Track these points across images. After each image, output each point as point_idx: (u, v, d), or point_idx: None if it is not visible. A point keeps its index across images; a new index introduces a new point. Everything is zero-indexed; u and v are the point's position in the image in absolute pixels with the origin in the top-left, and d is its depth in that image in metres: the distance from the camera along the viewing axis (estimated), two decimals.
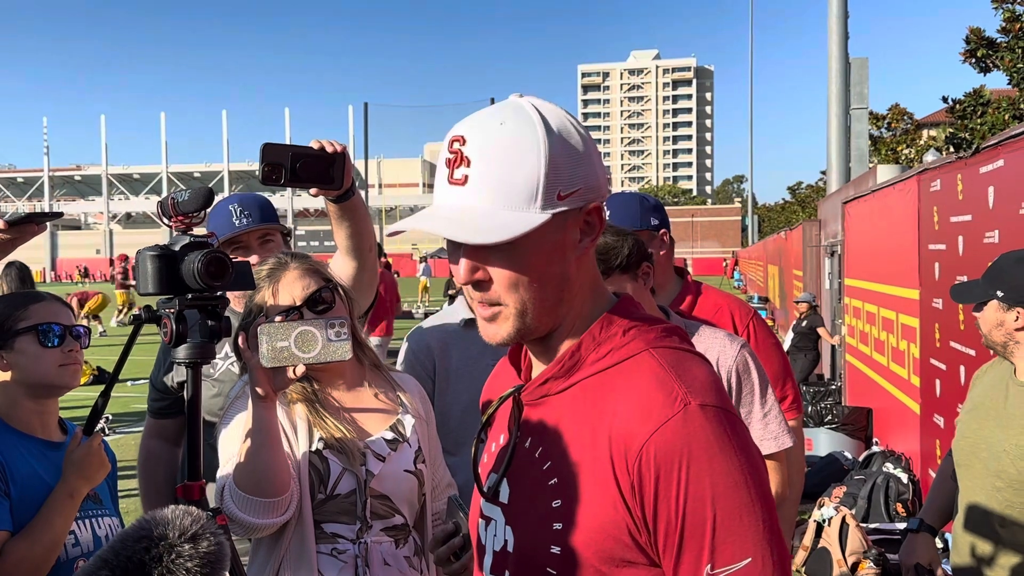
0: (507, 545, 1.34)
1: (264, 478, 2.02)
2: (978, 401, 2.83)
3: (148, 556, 1.24)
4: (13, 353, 2.27)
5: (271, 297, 2.23)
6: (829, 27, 16.05)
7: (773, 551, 1.19)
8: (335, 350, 1.90)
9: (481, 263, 1.26)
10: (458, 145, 1.25)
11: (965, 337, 5.50)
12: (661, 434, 1.19)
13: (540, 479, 1.31)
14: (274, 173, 1.83)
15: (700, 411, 1.21)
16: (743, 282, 45.22)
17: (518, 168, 1.23)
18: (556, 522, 1.27)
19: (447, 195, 1.26)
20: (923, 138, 22.10)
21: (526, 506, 1.33)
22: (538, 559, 1.28)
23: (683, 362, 1.30)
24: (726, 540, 1.17)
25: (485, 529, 1.41)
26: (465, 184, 1.24)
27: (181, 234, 1.77)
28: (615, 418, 1.24)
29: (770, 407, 2.47)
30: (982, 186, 5.17)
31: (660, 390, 1.23)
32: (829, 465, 8.05)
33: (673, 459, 1.18)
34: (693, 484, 1.18)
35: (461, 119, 1.31)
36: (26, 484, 2.20)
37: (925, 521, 3.06)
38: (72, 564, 2.23)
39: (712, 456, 1.18)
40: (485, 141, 1.24)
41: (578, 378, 1.32)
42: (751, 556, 1.17)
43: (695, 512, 1.18)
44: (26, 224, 1.90)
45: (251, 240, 2.83)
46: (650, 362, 1.28)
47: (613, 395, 1.27)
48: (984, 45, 8.40)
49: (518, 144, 1.23)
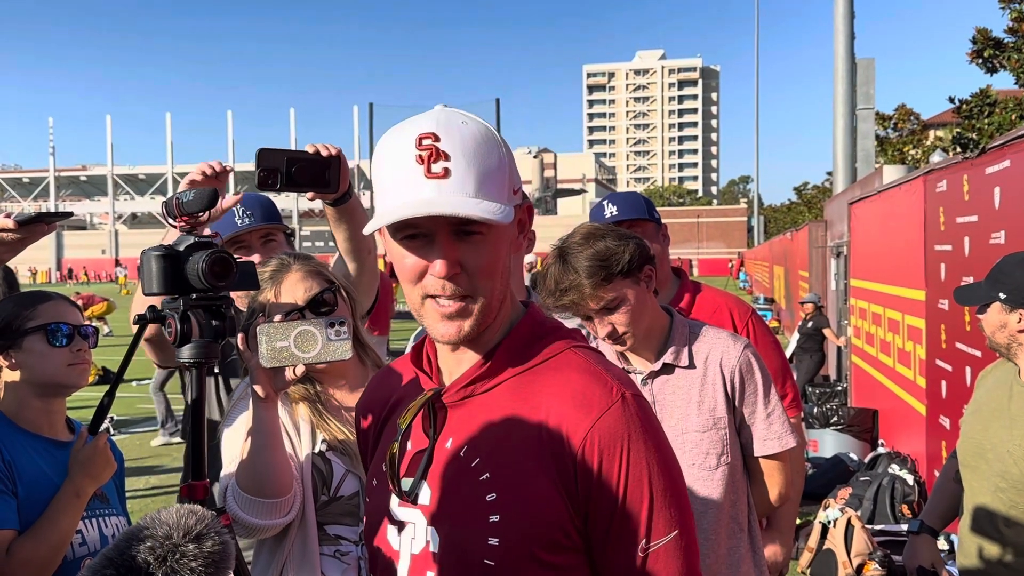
0: (429, 545, 1.36)
1: (266, 479, 2.02)
2: (982, 402, 2.83)
3: (153, 556, 1.24)
4: (22, 352, 2.27)
5: (273, 298, 2.24)
6: (835, 27, 16.03)
7: (690, 524, 1.32)
8: (335, 350, 1.90)
9: (459, 255, 1.29)
10: (431, 141, 1.27)
11: (971, 338, 5.49)
12: (604, 421, 1.28)
13: (468, 476, 1.34)
14: (270, 178, 1.84)
15: (633, 400, 1.32)
16: (749, 283, 45.17)
17: (489, 163, 1.29)
18: (492, 514, 1.30)
19: (426, 188, 1.26)
20: (929, 139, 22.06)
21: (454, 504, 1.35)
22: (473, 553, 1.31)
23: (604, 360, 1.40)
24: (659, 516, 1.29)
25: (398, 535, 1.42)
26: (447, 177, 1.26)
27: (186, 234, 1.78)
28: (551, 411, 1.31)
29: (773, 407, 2.47)
30: (988, 187, 5.15)
31: (596, 382, 1.33)
32: (835, 466, 8.03)
33: (615, 443, 1.28)
34: (634, 465, 1.28)
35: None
36: (33, 483, 2.20)
37: (926, 523, 3.06)
38: (79, 563, 2.23)
39: (647, 440, 1.30)
40: (459, 137, 1.28)
41: (504, 377, 1.37)
42: (677, 529, 1.30)
43: (635, 492, 1.28)
44: (35, 224, 1.90)
45: (253, 239, 2.85)
46: (576, 359, 1.37)
47: (544, 389, 1.34)
48: (991, 45, 8.39)
49: (486, 141, 1.30)
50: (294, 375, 1.97)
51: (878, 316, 8.78)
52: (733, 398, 2.44)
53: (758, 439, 2.46)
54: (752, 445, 2.47)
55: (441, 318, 1.32)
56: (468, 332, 1.33)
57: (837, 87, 16.11)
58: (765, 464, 2.49)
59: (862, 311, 9.82)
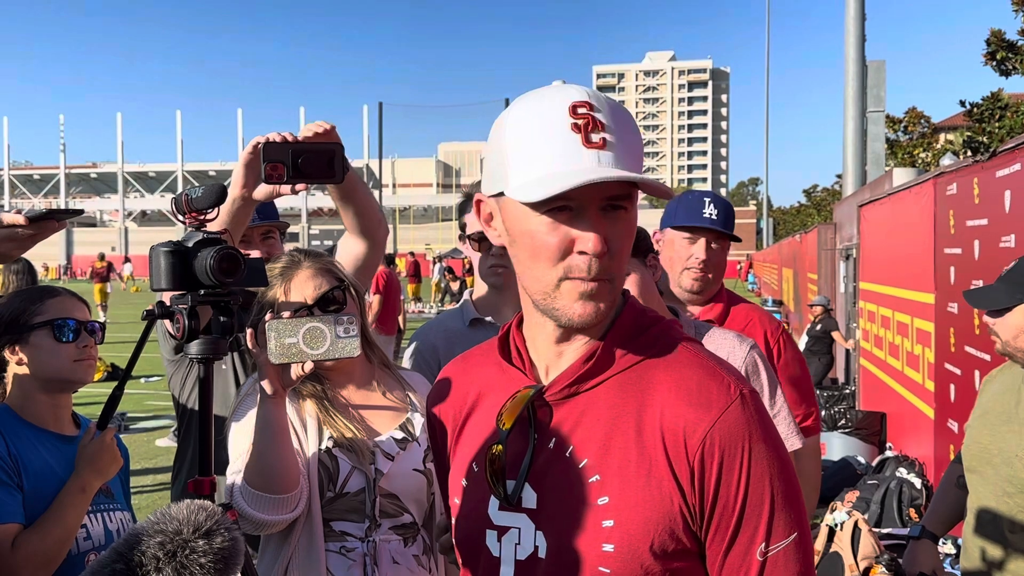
0: (538, 551, 1.31)
1: (273, 474, 2.02)
2: (988, 407, 2.81)
3: (163, 551, 1.24)
4: (28, 347, 2.28)
5: (283, 295, 2.25)
6: (846, 29, 15.99)
7: (806, 529, 1.27)
8: (343, 347, 1.90)
9: (607, 230, 1.24)
10: (585, 111, 1.22)
11: (980, 342, 5.47)
12: (724, 420, 1.23)
13: (576, 478, 1.29)
14: (276, 172, 1.84)
15: (752, 398, 1.27)
16: (757, 285, 45.06)
17: (636, 137, 1.27)
18: (606, 519, 1.25)
19: (585, 157, 1.21)
20: (940, 142, 21.98)
21: (563, 508, 1.29)
22: (587, 560, 1.25)
23: (713, 353, 1.35)
24: (779, 519, 1.24)
25: (499, 540, 1.35)
26: (605, 147, 1.22)
27: (194, 230, 1.78)
28: (665, 408, 1.26)
29: (779, 408, 2.46)
30: (998, 190, 5.14)
31: (711, 378, 1.27)
32: (842, 469, 8.02)
33: (736, 444, 1.23)
34: (755, 467, 1.23)
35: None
36: (39, 477, 2.21)
37: (927, 528, 3.04)
38: (84, 557, 2.24)
39: (766, 439, 1.25)
40: (610, 108, 1.25)
41: (611, 372, 1.31)
42: (796, 532, 1.25)
43: (755, 494, 1.23)
44: (46, 220, 1.91)
45: (254, 235, 2.95)
46: (687, 353, 1.32)
47: (656, 386, 1.28)
48: (1004, 48, 8.36)
49: (630, 117, 1.28)
50: (302, 371, 1.97)
51: (887, 319, 8.75)
52: None
53: None
54: None
55: (579, 296, 1.25)
56: (604, 313, 1.27)
57: (847, 89, 16.06)
58: None
59: (871, 314, 9.79)
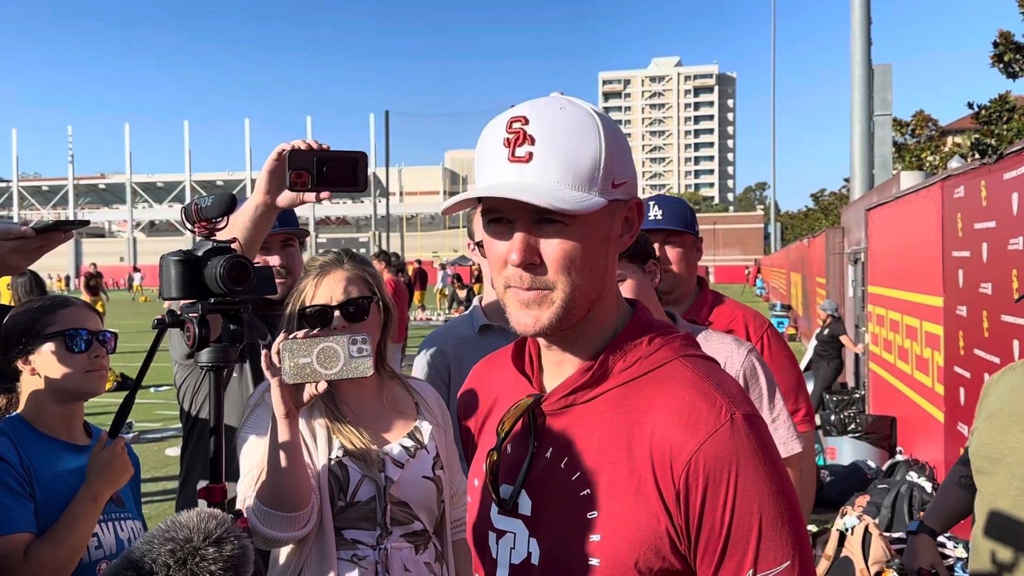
0: (531, 557, 1.33)
1: (285, 493, 2.03)
2: (996, 408, 2.80)
3: (173, 559, 1.25)
4: (40, 358, 2.29)
5: (312, 288, 2.29)
6: (852, 33, 15.98)
7: (805, 554, 1.23)
8: (357, 366, 1.90)
9: (536, 243, 1.25)
10: (520, 125, 1.24)
11: (989, 345, 5.46)
12: (711, 444, 1.21)
13: (569, 490, 1.30)
14: (301, 179, 1.84)
15: (744, 421, 1.23)
16: (765, 290, 44.99)
17: (581, 150, 1.24)
18: (593, 534, 1.26)
19: (508, 172, 1.24)
20: (948, 145, 21.93)
21: (555, 517, 1.31)
22: (576, 572, 1.27)
23: (715, 371, 1.32)
24: (769, 545, 1.21)
25: (497, 543, 1.38)
26: (529, 161, 1.23)
27: (204, 239, 1.79)
28: (655, 428, 1.25)
29: (778, 412, 2.46)
30: (1006, 192, 5.13)
31: (703, 400, 1.25)
32: (852, 474, 8.00)
33: (723, 468, 1.20)
34: (741, 492, 1.20)
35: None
36: (51, 486, 2.22)
37: (925, 524, 3.04)
38: (95, 566, 2.25)
39: (757, 465, 1.21)
40: (549, 122, 1.24)
41: (607, 387, 1.31)
42: (789, 559, 1.21)
43: (742, 519, 1.20)
44: (53, 232, 1.92)
45: (274, 242, 2.97)
46: (684, 371, 1.30)
47: (649, 404, 1.27)
48: (1012, 49, 8.33)
49: (580, 128, 1.25)
50: (316, 391, 1.97)
51: (896, 323, 8.73)
52: None
53: None
54: None
55: (519, 305, 1.27)
56: (547, 324, 1.27)
57: (854, 93, 16.05)
58: None
59: (880, 318, 9.77)
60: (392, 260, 14.07)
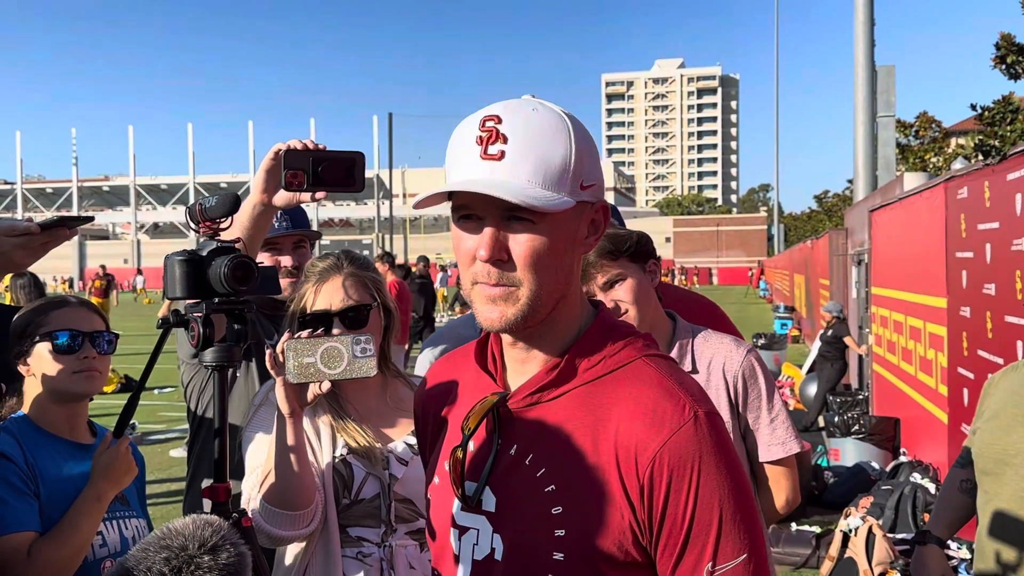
0: (494, 553, 1.34)
1: (290, 492, 2.03)
2: (999, 409, 2.79)
3: (168, 567, 1.25)
4: (33, 359, 2.31)
5: (312, 294, 2.29)
6: (855, 34, 15.98)
7: (759, 548, 1.27)
8: (360, 366, 1.91)
9: (505, 239, 1.27)
10: (492, 123, 1.26)
11: (993, 346, 5.45)
12: (675, 441, 1.24)
13: (533, 486, 1.32)
14: (296, 179, 1.84)
15: (706, 419, 1.27)
16: (769, 291, 44.96)
17: (552, 151, 1.26)
18: (558, 529, 1.28)
19: (480, 169, 1.26)
20: (951, 146, 21.92)
21: (519, 513, 1.33)
22: (538, 567, 1.29)
23: (677, 370, 1.36)
24: (727, 539, 1.25)
25: (459, 539, 1.40)
26: (501, 159, 1.25)
27: (208, 239, 1.79)
28: (620, 425, 1.28)
29: (777, 412, 2.46)
30: (1009, 193, 5.12)
31: (667, 398, 1.28)
32: (856, 475, 7.99)
33: (685, 464, 1.24)
34: (703, 488, 1.24)
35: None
36: (55, 485, 2.22)
37: (932, 533, 3.02)
38: (99, 564, 2.26)
39: (719, 462, 1.25)
40: (522, 122, 1.26)
41: (572, 385, 1.33)
42: (745, 553, 1.25)
43: (703, 513, 1.24)
44: (58, 228, 1.92)
45: (286, 243, 3.00)
46: (648, 370, 1.33)
47: (614, 402, 1.30)
48: (1014, 51, 8.33)
49: (552, 129, 1.27)
50: (319, 391, 1.97)
51: (899, 324, 8.73)
52: (736, 404, 2.43)
53: (763, 445, 2.45)
54: (756, 451, 2.46)
55: (486, 301, 1.29)
56: (512, 320, 1.29)
57: (857, 94, 16.05)
58: (770, 470, 2.48)
59: (883, 319, 9.76)
60: (395, 263, 14.06)
